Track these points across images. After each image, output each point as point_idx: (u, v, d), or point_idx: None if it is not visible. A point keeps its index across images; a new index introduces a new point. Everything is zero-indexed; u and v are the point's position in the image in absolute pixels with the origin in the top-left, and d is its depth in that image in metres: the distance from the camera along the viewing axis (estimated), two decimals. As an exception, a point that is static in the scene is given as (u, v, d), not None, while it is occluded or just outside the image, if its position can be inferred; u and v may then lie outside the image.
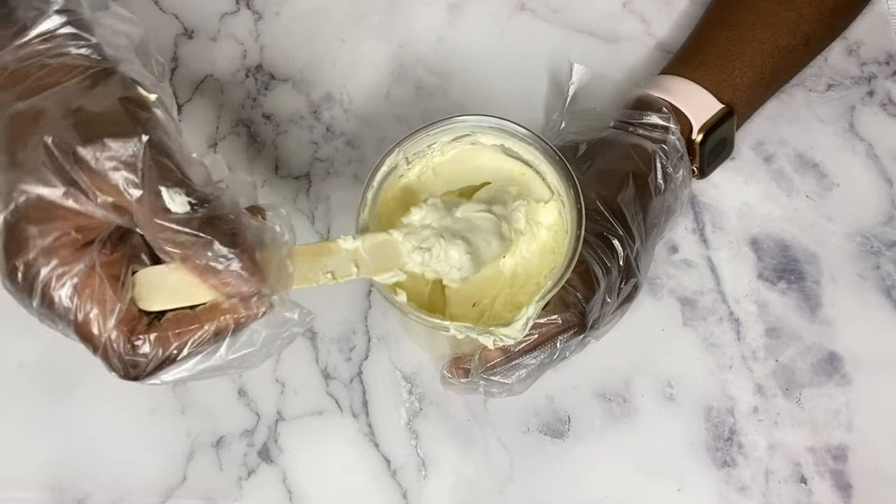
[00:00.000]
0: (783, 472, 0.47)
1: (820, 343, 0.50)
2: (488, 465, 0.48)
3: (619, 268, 0.43)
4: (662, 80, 0.50)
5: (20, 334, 0.53)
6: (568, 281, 0.40)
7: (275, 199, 0.56)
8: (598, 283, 0.42)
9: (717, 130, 0.49)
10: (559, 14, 0.61)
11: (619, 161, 0.47)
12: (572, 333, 0.41)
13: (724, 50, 0.51)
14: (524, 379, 0.42)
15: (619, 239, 0.44)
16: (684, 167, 0.48)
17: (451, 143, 0.43)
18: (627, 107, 0.49)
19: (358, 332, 0.52)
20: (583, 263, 0.42)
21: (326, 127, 0.58)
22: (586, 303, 0.42)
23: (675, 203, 0.48)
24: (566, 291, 0.41)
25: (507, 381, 0.42)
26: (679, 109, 0.49)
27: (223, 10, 0.62)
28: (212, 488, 0.49)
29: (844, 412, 0.49)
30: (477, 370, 0.42)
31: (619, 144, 0.48)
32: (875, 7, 0.59)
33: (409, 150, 0.42)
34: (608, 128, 0.49)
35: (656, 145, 0.47)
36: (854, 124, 0.56)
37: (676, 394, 0.50)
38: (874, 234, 0.53)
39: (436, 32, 0.61)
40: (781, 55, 0.51)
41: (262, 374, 0.51)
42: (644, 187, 0.46)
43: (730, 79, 0.50)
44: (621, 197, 0.45)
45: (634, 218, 0.45)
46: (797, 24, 0.51)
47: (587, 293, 0.42)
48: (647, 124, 0.48)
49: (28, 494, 0.49)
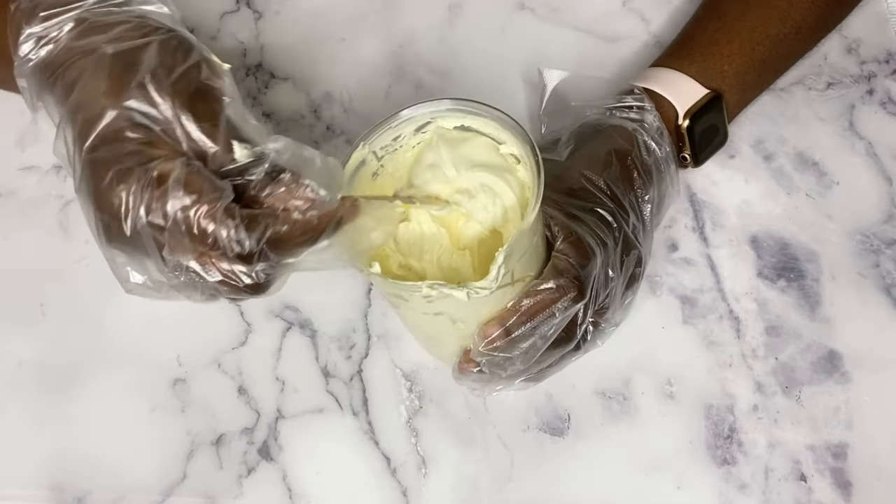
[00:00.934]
0: (783, 469, 0.47)
1: (820, 341, 0.50)
2: (488, 463, 0.48)
3: (615, 239, 0.43)
4: (647, 72, 0.52)
5: (20, 334, 0.53)
6: (560, 250, 0.41)
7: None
8: (592, 252, 0.42)
9: (705, 116, 0.50)
10: (559, 13, 0.61)
11: (600, 142, 0.48)
12: (570, 299, 0.40)
13: (711, 39, 0.52)
14: (527, 352, 0.40)
15: (610, 212, 0.44)
16: (665, 143, 0.48)
17: (416, 135, 0.43)
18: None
19: (358, 330, 0.52)
20: (573, 234, 0.42)
21: (327, 126, 0.58)
22: (581, 269, 0.41)
23: (666, 179, 0.49)
24: (557, 259, 0.41)
25: (510, 355, 0.40)
26: (663, 97, 0.49)
27: (223, 9, 0.62)
28: (212, 486, 0.49)
29: (844, 410, 0.49)
30: (478, 347, 0.40)
31: (600, 127, 0.49)
32: (874, 6, 0.59)
33: (375, 143, 0.42)
34: (586, 117, 0.50)
35: (635, 124, 0.48)
36: (854, 123, 0.56)
37: (676, 392, 0.50)
38: (874, 233, 0.53)
39: (436, 31, 0.61)
40: (772, 43, 0.52)
41: (262, 372, 0.51)
42: (630, 165, 0.47)
43: (717, 66, 0.50)
44: (606, 174, 0.46)
45: (625, 194, 0.45)
46: (787, 13, 0.52)
47: (581, 260, 0.41)
48: (622, 107, 0.49)
49: (28, 493, 0.49)
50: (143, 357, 0.52)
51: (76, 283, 0.54)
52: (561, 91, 0.54)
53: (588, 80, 0.54)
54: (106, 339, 0.53)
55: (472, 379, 0.43)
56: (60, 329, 0.53)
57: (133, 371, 0.52)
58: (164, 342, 0.52)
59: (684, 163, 0.51)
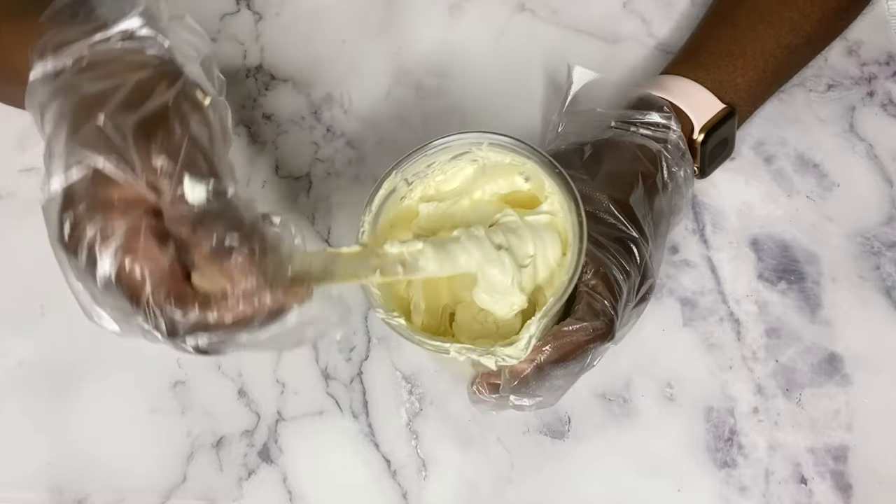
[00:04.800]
0: (783, 472, 0.47)
1: (820, 343, 0.50)
2: (488, 466, 0.48)
3: (637, 270, 0.43)
4: (663, 80, 0.50)
5: (20, 334, 0.53)
6: (594, 288, 0.40)
7: (276, 198, 0.56)
8: (619, 289, 0.41)
9: (719, 130, 0.49)
10: (559, 14, 0.61)
11: (627, 162, 0.46)
12: (602, 338, 0.41)
13: (725, 49, 0.50)
14: (555, 391, 0.41)
15: (635, 242, 0.43)
16: (686, 165, 0.47)
17: (450, 162, 0.43)
18: (628, 107, 0.49)
19: (358, 332, 0.52)
20: (601, 269, 0.41)
21: (327, 127, 0.58)
22: (613, 310, 0.41)
23: (681, 202, 0.48)
24: (594, 299, 0.41)
25: (539, 396, 0.40)
26: (680, 109, 0.48)
27: (223, 11, 0.62)
28: (212, 489, 0.49)
29: (844, 412, 0.49)
30: (507, 385, 0.40)
31: (625, 145, 0.47)
32: (875, 8, 0.59)
33: (408, 171, 0.42)
34: (610, 128, 0.49)
35: (660, 144, 0.47)
36: (854, 125, 0.56)
37: (676, 394, 0.49)
38: (874, 235, 0.53)
39: (436, 33, 0.61)
40: (784, 54, 0.51)
41: (262, 374, 0.51)
42: (652, 187, 0.46)
43: (731, 78, 0.50)
44: (633, 198, 0.45)
45: (645, 218, 0.45)
46: (799, 24, 0.51)
47: (612, 299, 0.41)
48: (648, 123, 0.47)
49: (28, 495, 0.49)
50: (143, 359, 0.52)
51: (76, 284, 0.54)
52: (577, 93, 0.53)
53: (599, 81, 0.53)
54: (106, 341, 0.52)
55: (489, 405, 0.43)
56: (60, 330, 0.53)
57: (133, 373, 0.52)
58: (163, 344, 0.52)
59: (693, 174, 0.50)
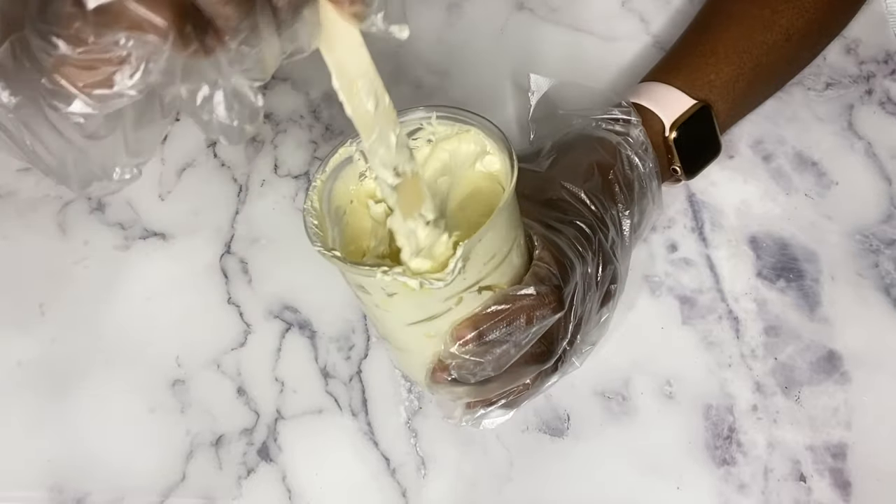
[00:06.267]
0: (782, 470, 0.47)
1: (819, 341, 0.50)
2: (487, 464, 0.48)
3: (593, 252, 0.43)
4: (635, 87, 0.51)
5: (20, 334, 0.53)
6: (541, 258, 0.40)
7: (275, 197, 0.56)
8: (571, 264, 0.41)
9: (693, 127, 0.49)
10: (558, 13, 0.61)
11: (583, 154, 0.47)
12: (550, 309, 0.39)
13: (695, 51, 0.52)
14: (499, 359, 0.39)
15: (589, 224, 0.43)
16: (649, 160, 0.48)
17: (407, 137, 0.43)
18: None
19: (357, 330, 0.52)
20: (554, 244, 0.41)
21: (326, 126, 0.58)
22: (559, 279, 0.40)
23: (648, 196, 0.48)
24: (538, 266, 0.40)
25: (482, 360, 0.38)
26: (648, 109, 0.49)
27: (222, 10, 0.62)
28: (211, 487, 0.49)
29: (843, 410, 0.49)
30: (449, 349, 0.39)
31: (583, 138, 0.48)
32: (873, 6, 0.59)
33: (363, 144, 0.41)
34: (571, 126, 0.50)
35: (620, 137, 0.47)
36: (853, 123, 0.56)
37: (675, 392, 0.50)
38: (873, 233, 0.53)
39: (435, 31, 0.61)
40: (761, 50, 0.51)
41: (261, 372, 0.51)
42: (611, 179, 0.46)
43: (703, 76, 0.50)
44: (587, 186, 0.45)
45: (606, 208, 0.45)
46: (772, 20, 0.51)
47: (561, 271, 0.40)
48: (609, 119, 0.48)
49: (27, 494, 0.49)
50: (142, 358, 0.52)
51: (75, 283, 0.54)
52: (551, 97, 0.54)
53: (578, 88, 0.54)
54: (105, 340, 0.53)
55: (445, 389, 0.41)
56: (60, 329, 0.53)
57: (132, 372, 0.52)
58: (163, 343, 0.52)
59: (675, 175, 0.50)
